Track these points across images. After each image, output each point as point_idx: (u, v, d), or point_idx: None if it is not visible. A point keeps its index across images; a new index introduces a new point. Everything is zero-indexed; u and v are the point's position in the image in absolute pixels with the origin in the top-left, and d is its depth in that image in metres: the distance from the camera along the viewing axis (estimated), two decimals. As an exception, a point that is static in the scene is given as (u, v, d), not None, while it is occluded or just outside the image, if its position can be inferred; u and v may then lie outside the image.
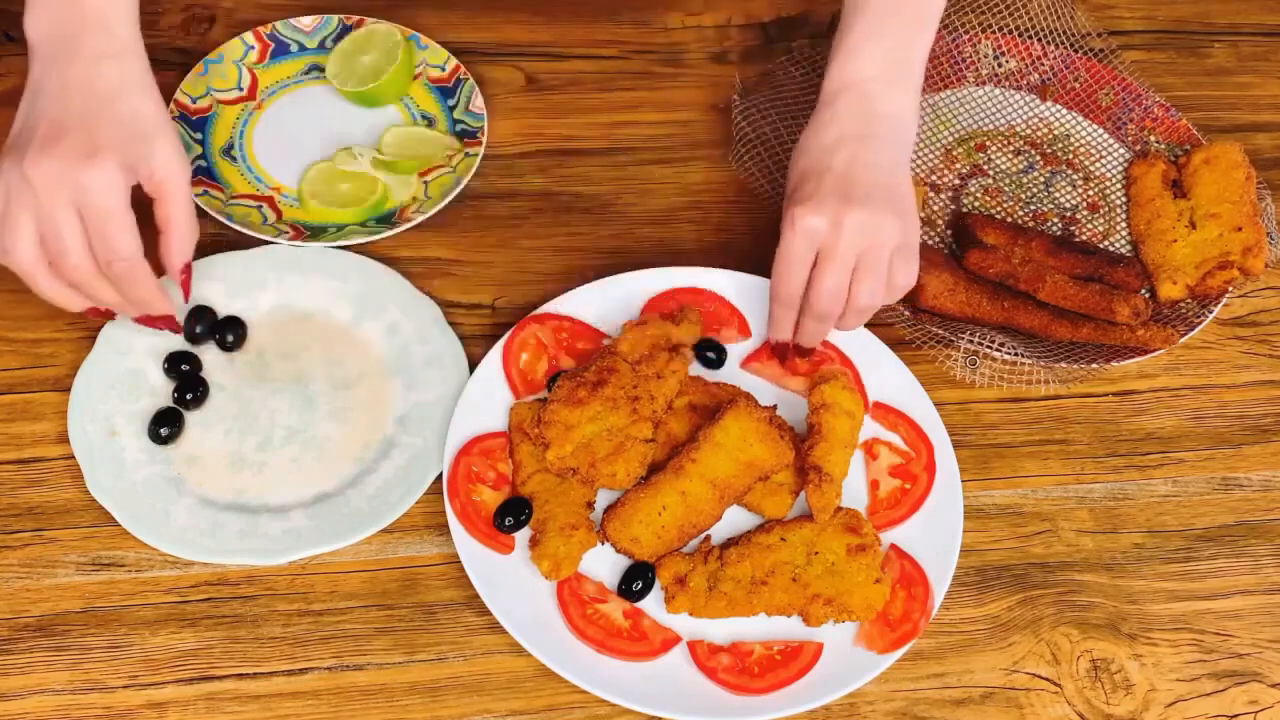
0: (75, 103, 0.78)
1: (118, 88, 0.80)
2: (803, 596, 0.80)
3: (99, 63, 0.80)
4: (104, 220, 0.77)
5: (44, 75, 0.80)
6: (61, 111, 0.78)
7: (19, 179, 0.76)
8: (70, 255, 0.77)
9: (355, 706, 0.78)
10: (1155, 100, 1.08)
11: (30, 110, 0.79)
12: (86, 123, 0.78)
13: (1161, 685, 0.83)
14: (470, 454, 0.85)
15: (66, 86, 0.79)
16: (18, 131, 0.79)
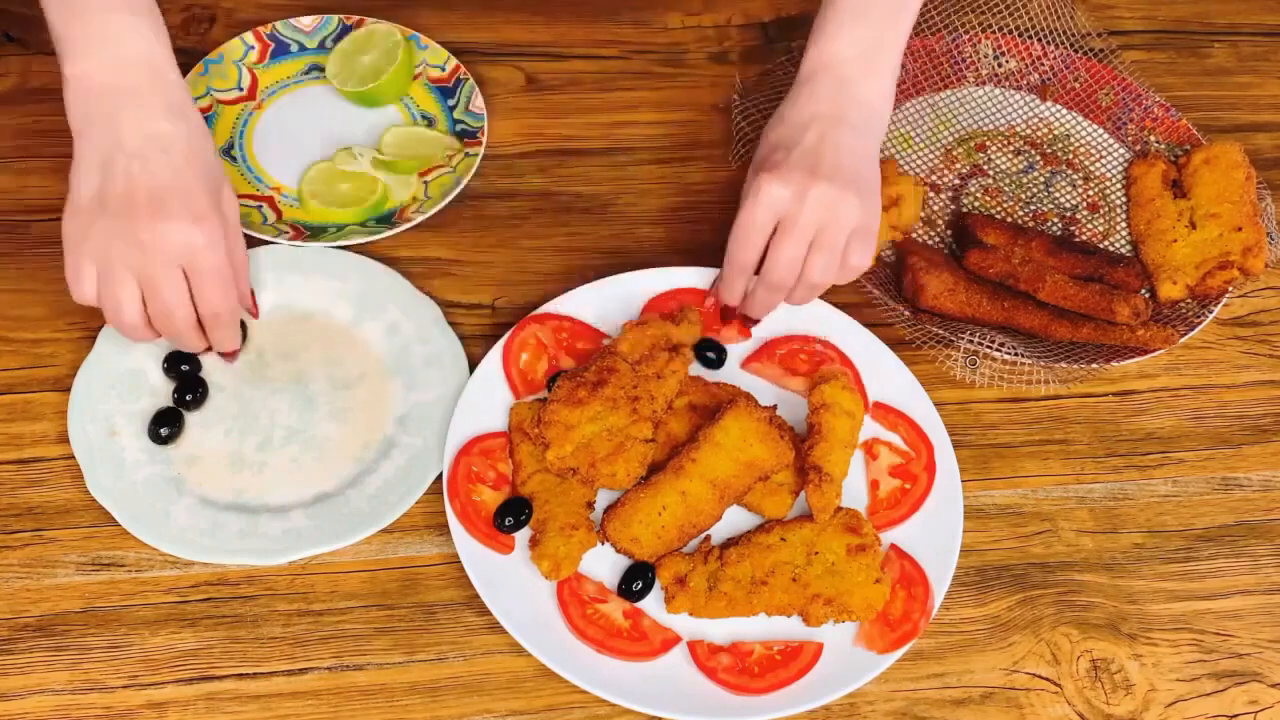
0: (161, 163, 0.80)
1: (195, 143, 0.82)
2: (803, 596, 0.80)
3: (173, 119, 0.81)
4: (213, 279, 0.81)
5: (114, 134, 0.80)
6: (151, 174, 0.79)
7: (127, 243, 0.79)
8: (176, 313, 0.81)
9: (355, 706, 0.78)
10: (1155, 100, 1.08)
11: (107, 172, 0.80)
12: (183, 185, 0.80)
13: (1161, 685, 0.83)
14: (470, 454, 0.85)
15: (147, 145, 0.80)
16: (95, 195, 0.80)
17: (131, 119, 0.80)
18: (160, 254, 0.79)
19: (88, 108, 0.81)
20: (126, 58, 0.81)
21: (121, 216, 0.79)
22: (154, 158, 0.80)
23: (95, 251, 0.79)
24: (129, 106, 0.80)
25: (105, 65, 0.81)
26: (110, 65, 0.81)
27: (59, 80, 1.02)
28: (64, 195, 0.95)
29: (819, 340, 0.93)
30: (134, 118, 0.80)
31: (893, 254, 0.99)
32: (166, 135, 0.80)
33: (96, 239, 0.79)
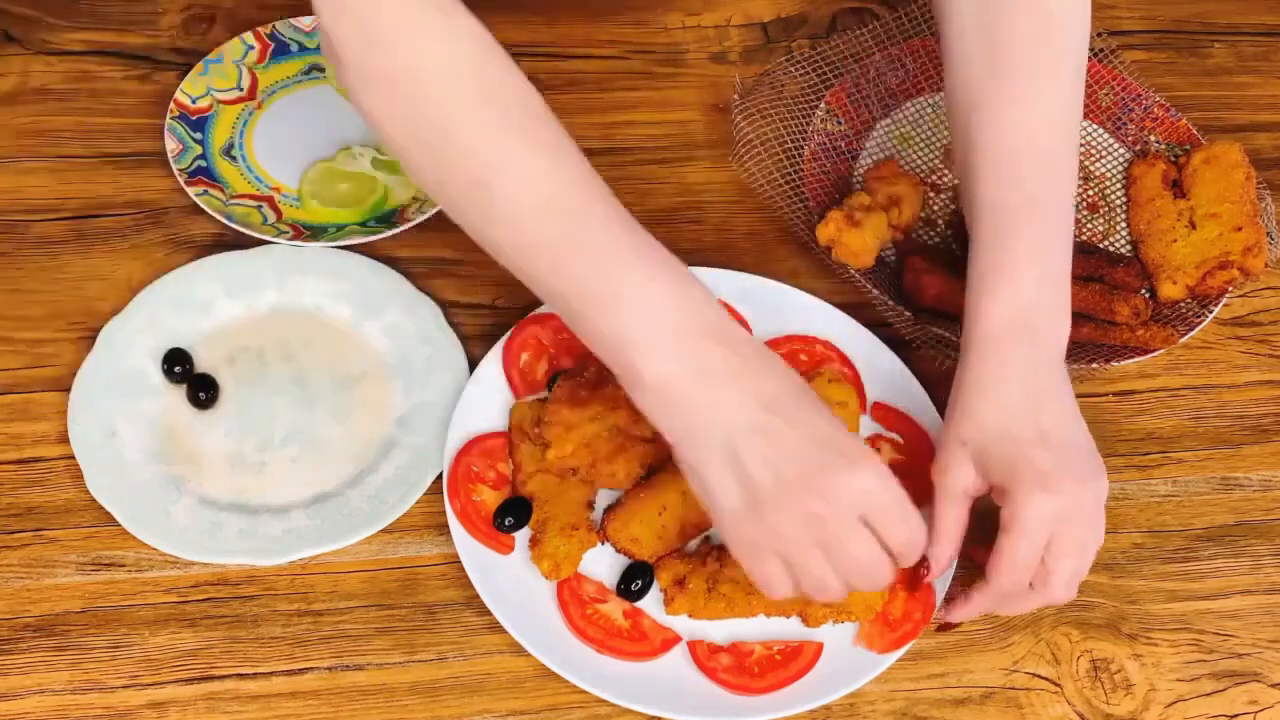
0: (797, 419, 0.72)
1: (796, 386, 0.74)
2: (802, 597, 0.80)
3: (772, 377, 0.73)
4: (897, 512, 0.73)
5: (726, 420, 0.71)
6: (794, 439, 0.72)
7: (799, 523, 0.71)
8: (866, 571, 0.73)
9: (355, 706, 0.78)
10: (1155, 100, 1.08)
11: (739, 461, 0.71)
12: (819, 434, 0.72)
13: (1161, 685, 0.83)
14: (470, 454, 0.85)
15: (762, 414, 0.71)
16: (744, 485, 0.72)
17: (729, 402, 0.72)
18: (842, 509, 0.71)
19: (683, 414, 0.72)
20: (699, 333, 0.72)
21: (782, 500, 0.71)
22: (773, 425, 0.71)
23: (776, 549, 0.72)
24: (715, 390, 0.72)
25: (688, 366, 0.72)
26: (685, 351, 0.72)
27: (58, 80, 1.03)
28: (63, 195, 0.96)
29: (819, 340, 0.93)
30: (729, 399, 0.72)
31: (893, 254, 0.99)
32: (768, 393, 0.72)
33: (767, 537, 0.72)
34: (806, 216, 0.99)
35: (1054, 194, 0.81)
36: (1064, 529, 0.75)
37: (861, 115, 1.05)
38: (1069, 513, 0.75)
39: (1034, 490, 0.74)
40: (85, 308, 0.91)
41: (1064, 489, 0.75)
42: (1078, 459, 0.77)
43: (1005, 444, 0.77)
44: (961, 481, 0.78)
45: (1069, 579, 0.76)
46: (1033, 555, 0.75)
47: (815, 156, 1.02)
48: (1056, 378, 0.79)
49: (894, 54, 1.08)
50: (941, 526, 0.79)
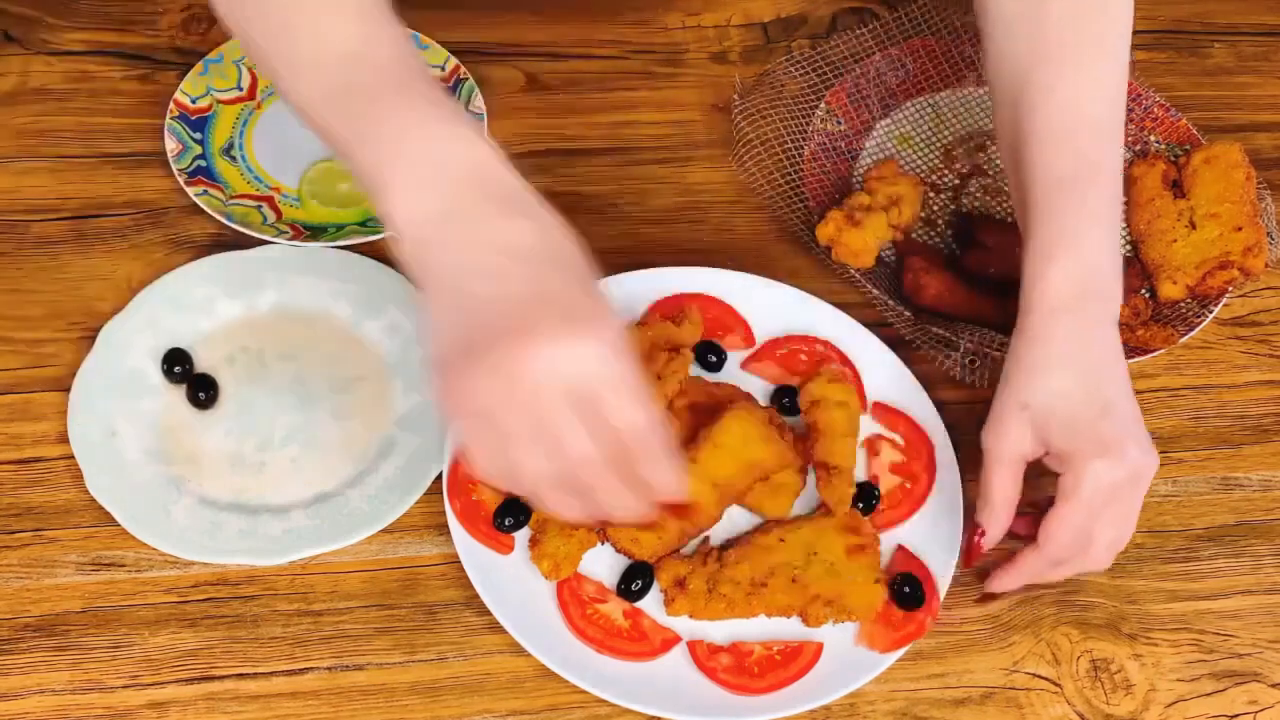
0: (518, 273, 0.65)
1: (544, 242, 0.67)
2: (802, 597, 0.80)
3: (515, 220, 0.66)
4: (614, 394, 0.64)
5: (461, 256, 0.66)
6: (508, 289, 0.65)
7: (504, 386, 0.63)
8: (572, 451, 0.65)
9: (355, 706, 0.78)
10: (1155, 100, 1.08)
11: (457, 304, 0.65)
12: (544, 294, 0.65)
13: (1161, 685, 0.83)
14: (470, 454, 0.85)
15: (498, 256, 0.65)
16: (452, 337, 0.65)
17: (467, 241, 0.66)
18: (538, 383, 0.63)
19: (420, 247, 0.67)
20: (458, 177, 0.67)
21: (490, 349, 0.63)
22: (507, 271, 0.65)
23: (477, 410, 0.65)
24: (461, 229, 0.66)
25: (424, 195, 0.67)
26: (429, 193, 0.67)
27: (58, 80, 1.03)
28: (63, 195, 0.96)
29: (819, 340, 0.93)
30: (469, 239, 0.66)
31: (893, 254, 0.99)
32: (512, 244, 0.66)
33: (472, 395, 0.64)
34: (806, 216, 0.99)
35: (1110, 163, 0.83)
36: (1117, 498, 0.77)
37: (861, 115, 1.06)
38: (1126, 483, 0.77)
39: (1096, 458, 0.76)
40: (85, 308, 0.91)
41: (1126, 458, 0.76)
42: (1139, 430, 0.78)
43: (1069, 410, 0.77)
44: (1019, 446, 0.79)
45: (1109, 546, 0.79)
46: (1089, 523, 0.77)
47: (815, 156, 1.02)
48: (1114, 345, 0.80)
49: (894, 54, 1.08)
50: (996, 492, 0.80)
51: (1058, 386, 0.78)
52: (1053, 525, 0.78)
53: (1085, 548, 0.78)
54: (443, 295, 0.66)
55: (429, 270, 0.67)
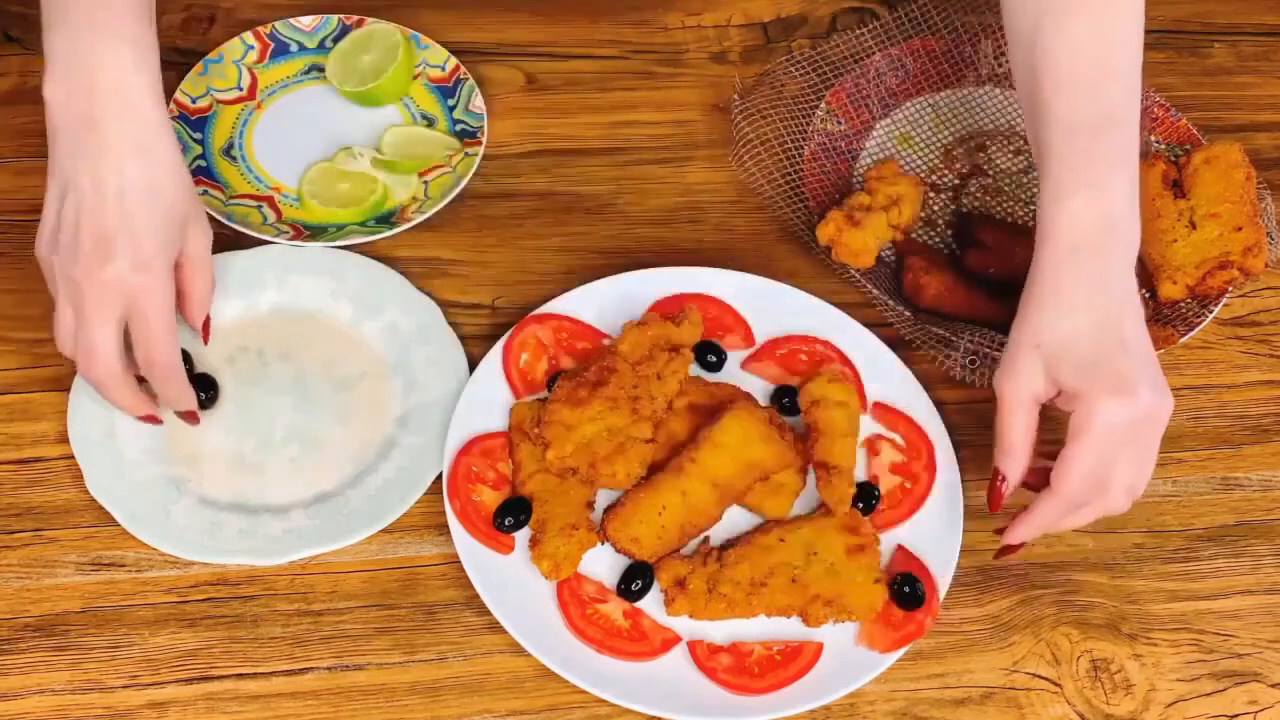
0: (115, 207, 0.77)
1: (155, 184, 0.79)
2: (802, 597, 0.80)
3: (133, 158, 0.78)
4: (152, 329, 0.78)
5: (74, 167, 0.78)
6: (102, 216, 0.77)
7: (70, 284, 0.77)
8: (99, 359, 0.78)
9: (355, 706, 0.78)
10: (1155, 100, 1.08)
11: (63, 205, 0.78)
12: (132, 228, 0.77)
13: (1161, 685, 0.83)
14: (470, 454, 0.85)
15: (101, 184, 0.77)
16: (54, 228, 0.78)
17: (89, 154, 0.77)
18: (96, 299, 0.77)
19: (55, 136, 0.78)
20: (98, 85, 0.77)
21: (67, 257, 0.77)
22: (108, 199, 0.77)
23: (52, 285, 0.79)
24: (88, 140, 0.77)
25: (75, 91, 0.77)
26: (80, 92, 0.77)
27: (58, 80, 1.03)
28: (63, 195, 0.97)
29: (819, 340, 0.93)
30: (91, 153, 0.77)
31: (893, 254, 0.99)
32: (120, 174, 0.77)
33: (51, 274, 0.79)
34: (806, 216, 0.99)
35: (1127, 107, 0.82)
36: (1133, 439, 0.76)
37: (861, 115, 1.06)
38: (1141, 422, 0.76)
39: (1110, 395, 0.75)
40: (85, 308, 0.91)
41: (1141, 396, 0.75)
42: (1156, 371, 0.77)
43: (1086, 347, 0.76)
44: (1031, 386, 0.78)
45: (1128, 489, 0.77)
46: (1103, 463, 0.76)
47: (815, 156, 1.02)
48: (1131, 285, 0.79)
49: (894, 54, 1.08)
50: (1011, 435, 0.79)
51: (1071, 324, 0.77)
52: (1066, 465, 0.76)
53: (1103, 489, 0.77)
54: (55, 187, 0.78)
55: (56, 157, 0.78)
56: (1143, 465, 0.78)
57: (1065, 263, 0.79)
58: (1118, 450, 0.76)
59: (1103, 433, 0.75)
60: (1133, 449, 0.77)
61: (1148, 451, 0.78)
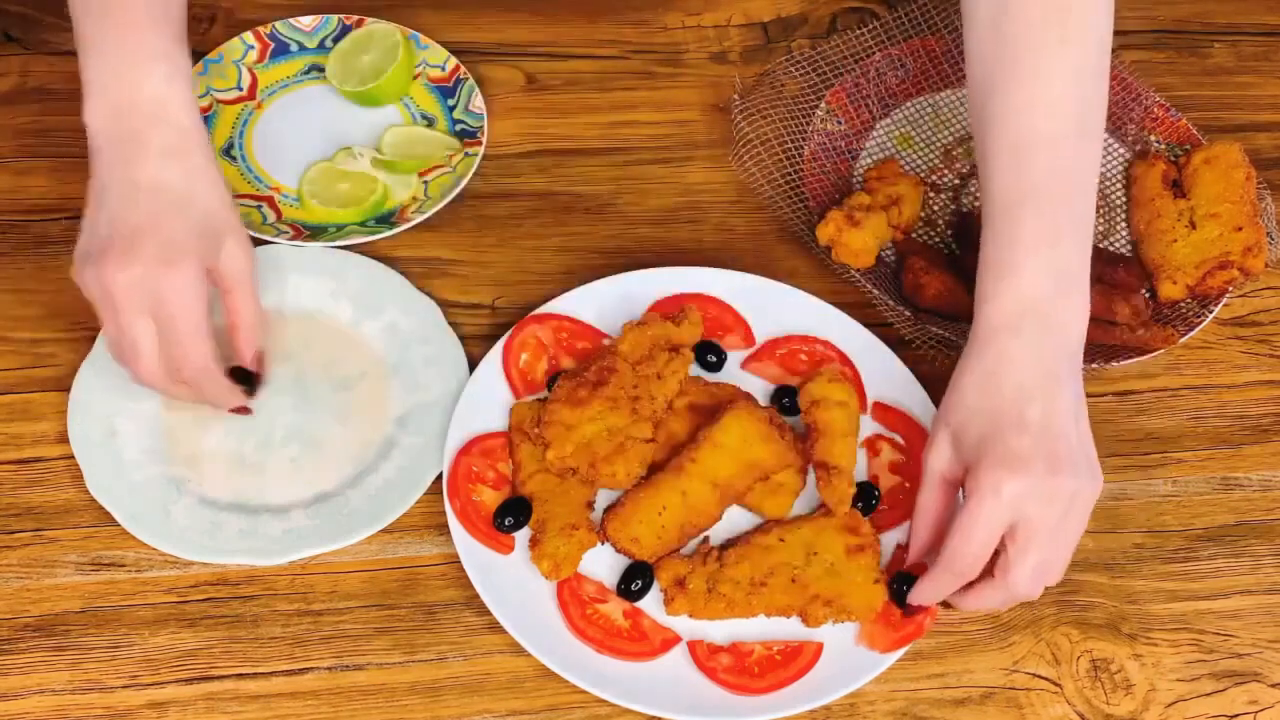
0: (145, 207, 0.78)
1: (187, 188, 0.80)
2: (802, 597, 0.80)
3: (165, 161, 0.79)
4: (180, 329, 0.78)
5: (109, 176, 0.79)
6: (132, 216, 0.78)
7: (101, 290, 0.77)
8: (143, 360, 0.79)
9: (355, 706, 0.78)
10: (1155, 100, 1.08)
11: (98, 214, 0.79)
12: (160, 227, 0.77)
13: (1161, 685, 0.83)
14: (470, 454, 0.85)
15: (135, 188, 0.78)
16: (89, 238, 0.79)
17: (127, 162, 0.79)
18: (125, 301, 0.77)
19: (96, 157, 0.79)
20: (136, 102, 0.79)
21: (94, 260, 0.77)
22: (140, 202, 0.78)
23: (92, 300, 0.79)
24: (127, 148, 0.79)
25: (114, 112, 0.79)
26: (119, 112, 0.79)
27: (58, 80, 1.03)
28: (64, 195, 0.96)
29: (819, 340, 0.93)
30: (130, 160, 0.79)
31: (893, 254, 0.99)
32: (155, 178, 0.78)
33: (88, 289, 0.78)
34: (806, 216, 0.99)
35: (1064, 180, 0.79)
36: (1030, 517, 0.73)
37: (861, 115, 1.06)
38: (1037, 499, 0.73)
39: (995, 468, 0.73)
40: (85, 308, 0.90)
41: (1032, 472, 0.73)
42: (1062, 450, 0.74)
43: (981, 424, 0.76)
44: (939, 463, 0.78)
45: (1033, 572, 0.75)
46: (987, 534, 0.74)
47: (815, 156, 1.02)
48: (1061, 371, 0.77)
49: (894, 54, 1.08)
50: (918, 507, 0.79)
51: (976, 403, 0.76)
52: (950, 535, 0.75)
53: (1004, 569, 0.75)
54: (94, 198, 0.79)
55: (95, 174, 0.80)
56: (1049, 547, 0.75)
57: (984, 347, 0.78)
58: (1017, 529, 0.74)
59: (986, 503, 0.73)
60: (1034, 529, 0.73)
61: (1053, 534, 0.74)
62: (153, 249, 0.77)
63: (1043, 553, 0.75)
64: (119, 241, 0.77)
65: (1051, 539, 0.74)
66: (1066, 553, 0.76)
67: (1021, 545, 0.74)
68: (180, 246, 0.78)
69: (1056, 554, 0.76)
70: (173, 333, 0.78)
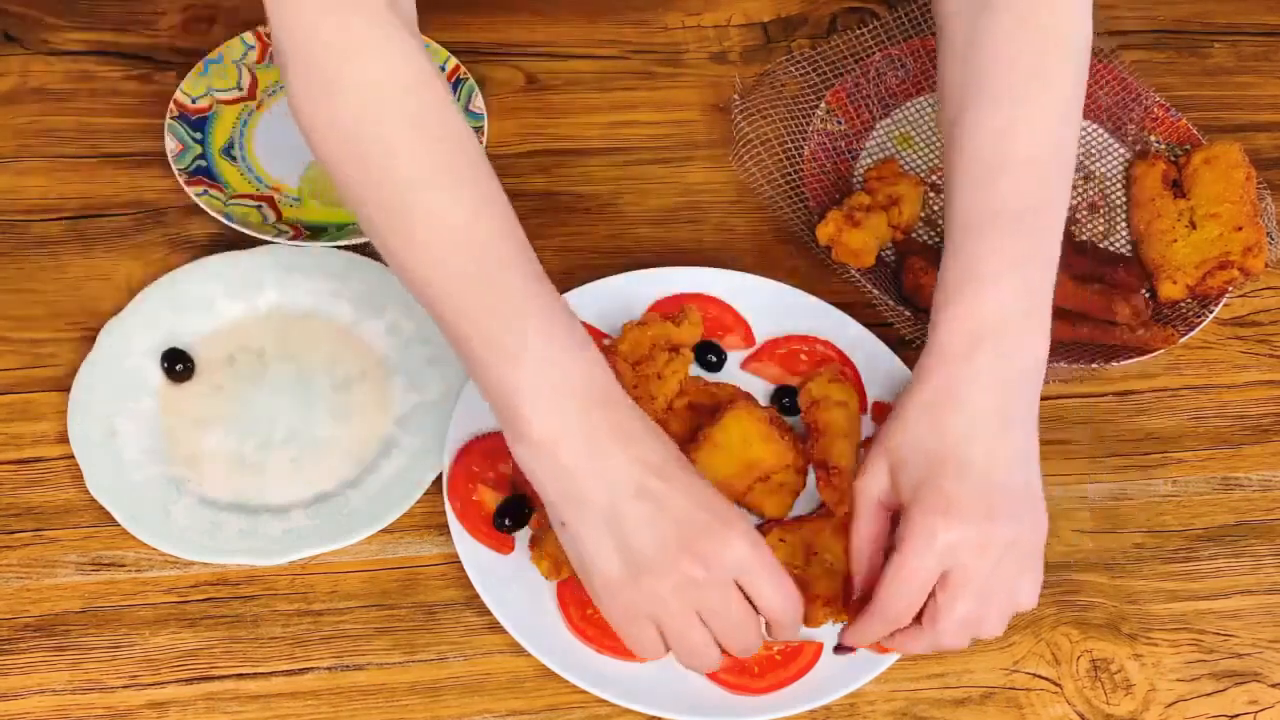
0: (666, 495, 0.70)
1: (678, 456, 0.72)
2: (802, 597, 0.80)
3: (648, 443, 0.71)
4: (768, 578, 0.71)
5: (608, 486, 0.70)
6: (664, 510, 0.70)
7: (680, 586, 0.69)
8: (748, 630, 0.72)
9: (355, 706, 0.78)
10: (1155, 100, 1.08)
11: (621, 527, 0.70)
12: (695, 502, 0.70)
13: (1161, 685, 0.83)
14: (470, 454, 0.85)
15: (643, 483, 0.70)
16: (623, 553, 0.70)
17: (616, 467, 0.70)
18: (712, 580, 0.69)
19: (567, 475, 0.70)
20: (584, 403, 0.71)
21: (663, 565, 0.69)
22: (657, 490, 0.70)
23: (652, 613, 0.71)
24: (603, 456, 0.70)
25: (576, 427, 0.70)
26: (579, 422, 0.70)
27: (58, 80, 1.03)
28: (63, 195, 0.96)
29: (819, 340, 0.93)
30: (616, 465, 0.70)
31: (893, 254, 0.99)
32: (654, 460, 0.71)
33: (646, 602, 0.70)
34: (806, 216, 0.99)
35: (1032, 204, 0.76)
36: (964, 566, 0.70)
37: (861, 115, 1.05)
38: (970, 549, 0.70)
39: (930, 514, 0.70)
40: (85, 308, 0.91)
41: (967, 521, 0.69)
42: (1002, 497, 0.71)
43: (919, 464, 0.72)
44: (873, 488, 0.75)
45: (961, 622, 0.71)
46: (916, 582, 0.71)
47: (815, 156, 1.02)
48: (1012, 406, 0.73)
49: (894, 54, 1.08)
50: (854, 538, 0.76)
51: (916, 437, 0.73)
52: (881, 581, 0.72)
53: (933, 617, 0.71)
54: (595, 520, 0.70)
55: (576, 498, 0.70)
56: (984, 597, 0.71)
57: (933, 372, 0.74)
58: (949, 578, 0.70)
59: (915, 550, 0.70)
60: (966, 579, 0.70)
61: (991, 583, 0.71)
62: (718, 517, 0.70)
63: (971, 604, 0.71)
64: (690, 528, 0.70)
65: (982, 590, 0.71)
66: (1000, 602, 0.72)
67: (951, 595, 0.71)
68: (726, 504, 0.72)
69: (988, 605, 0.72)
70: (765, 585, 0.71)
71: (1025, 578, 0.73)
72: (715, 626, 0.71)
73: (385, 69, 0.73)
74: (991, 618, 0.72)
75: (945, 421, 0.72)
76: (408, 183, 0.73)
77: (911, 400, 0.74)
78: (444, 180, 0.73)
